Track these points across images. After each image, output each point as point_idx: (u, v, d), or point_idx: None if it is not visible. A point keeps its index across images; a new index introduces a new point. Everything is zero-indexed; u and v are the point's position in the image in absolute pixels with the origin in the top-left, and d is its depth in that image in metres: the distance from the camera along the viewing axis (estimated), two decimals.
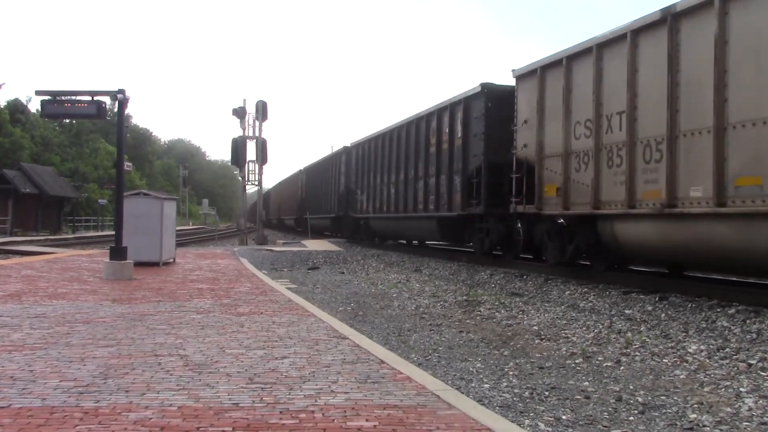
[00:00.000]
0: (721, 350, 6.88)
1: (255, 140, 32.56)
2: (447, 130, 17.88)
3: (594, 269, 12.67)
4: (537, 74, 13.28)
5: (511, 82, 14.68)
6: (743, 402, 5.23)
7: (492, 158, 15.29)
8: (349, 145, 29.61)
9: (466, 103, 16.60)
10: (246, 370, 5.32)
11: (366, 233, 27.54)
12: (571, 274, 13.08)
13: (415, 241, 24.19)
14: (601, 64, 11.51)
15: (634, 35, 10.69)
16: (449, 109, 17.67)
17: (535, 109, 13.36)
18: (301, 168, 44.58)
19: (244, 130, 32.52)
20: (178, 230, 21.23)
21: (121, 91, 12.85)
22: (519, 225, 15.02)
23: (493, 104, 15.42)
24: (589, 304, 10.24)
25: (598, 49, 11.56)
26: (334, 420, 4.05)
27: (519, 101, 14.20)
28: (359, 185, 27.25)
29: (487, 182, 15.36)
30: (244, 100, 34.83)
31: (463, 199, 16.51)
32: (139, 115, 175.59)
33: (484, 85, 15.64)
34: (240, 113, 32.40)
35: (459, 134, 16.93)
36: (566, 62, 12.45)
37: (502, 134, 14.91)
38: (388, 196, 23.16)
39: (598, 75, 11.53)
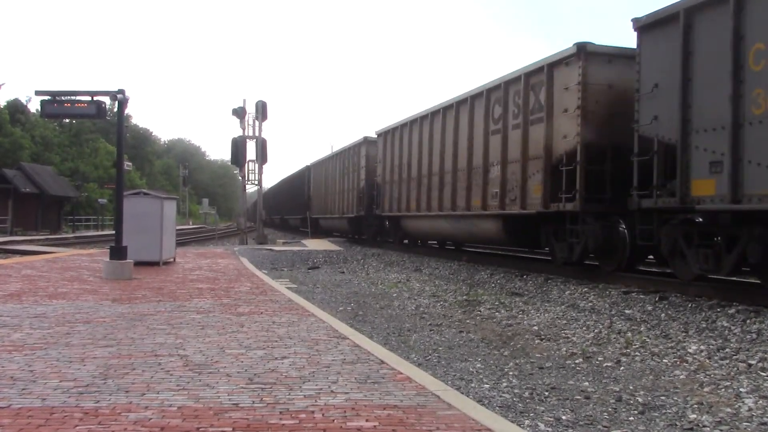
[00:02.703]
0: (721, 350, 6.88)
1: (255, 140, 32.56)
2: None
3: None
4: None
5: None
6: (743, 402, 5.23)
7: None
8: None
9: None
10: (246, 370, 5.32)
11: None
12: (572, 274, 13.07)
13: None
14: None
15: None
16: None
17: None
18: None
19: (244, 129, 32.53)
20: (178, 230, 21.23)
21: (121, 91, 12.85)
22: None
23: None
24: (589, 304, 10.24)
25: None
26: (334, 420, 4.05)
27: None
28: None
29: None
30: (244, 100, 34.84)
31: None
32: (139, 115, 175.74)
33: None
34: (240, 113, 32.39)
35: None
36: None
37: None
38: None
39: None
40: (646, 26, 10.70)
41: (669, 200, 10.07)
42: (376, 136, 25.31)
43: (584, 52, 12.01)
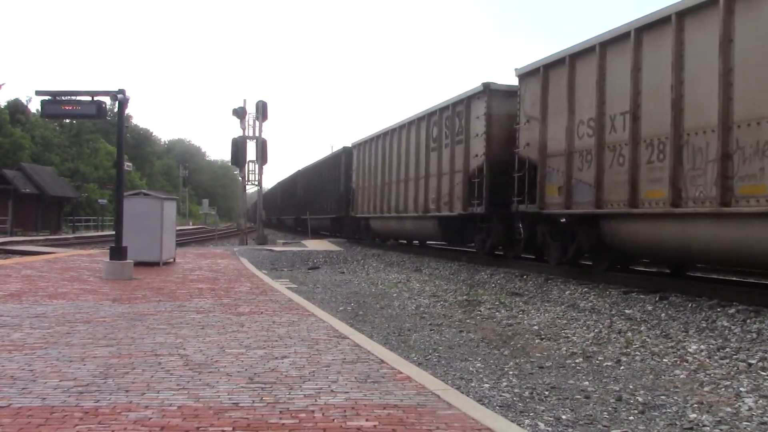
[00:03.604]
0: (721, 350, 6.88)
1: (255, 140, 32.57)
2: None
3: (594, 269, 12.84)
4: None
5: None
6: (743, 402, 5.23)
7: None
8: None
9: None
10: (246, 369, 5.32)
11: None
12: (572, 274, 13.08)
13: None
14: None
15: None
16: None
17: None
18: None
19: (244, 130, 32.55)
20: (178, 230, 21.24)
21: (121, 91, 12.85)
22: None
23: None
24: (590, 303, 10.24)
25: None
26: (334, 420, 4.05)
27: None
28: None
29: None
30: (244, 100, 34.84)
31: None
32: (139, 115, 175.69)
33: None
34: (240, 113, 32.41)
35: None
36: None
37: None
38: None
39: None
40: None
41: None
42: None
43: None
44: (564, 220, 13.12)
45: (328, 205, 32.92)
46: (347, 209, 29.08)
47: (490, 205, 15.40)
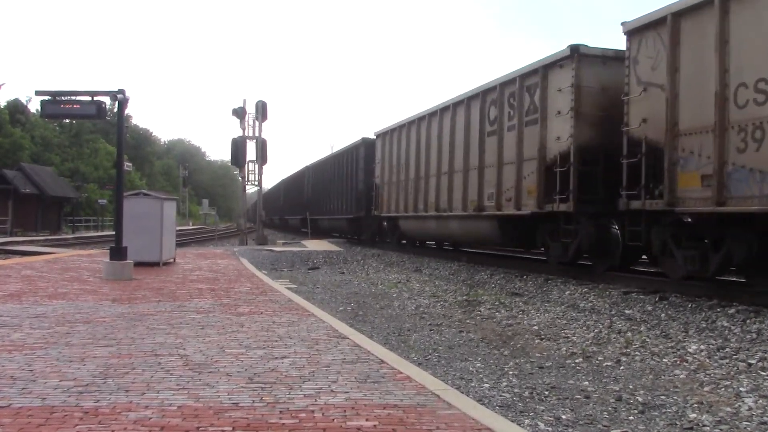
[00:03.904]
0: (721, 350, 6.88)
1: (255, 140, 32.56)
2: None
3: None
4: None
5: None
6: (743, 402, 5.23)
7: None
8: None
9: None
10: (246, 369, 5.32)
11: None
12: (571, 274, 13.07)
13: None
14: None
15: None
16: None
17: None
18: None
19: (244, 130, 32.54)
20: (178, 230, 21.24)
21: (121, 91, 12.85)
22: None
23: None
24: (589, 304, 10.24)
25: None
26: (334, 420, 4.05)
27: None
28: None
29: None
30: (244, 100, 34.87)
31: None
32: (139, 116, 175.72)
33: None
34: (240, 113, 32.40)
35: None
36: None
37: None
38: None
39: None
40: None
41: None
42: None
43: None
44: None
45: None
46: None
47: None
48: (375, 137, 24.99)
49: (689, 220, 10.18)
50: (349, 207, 28.19)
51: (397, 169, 22.15)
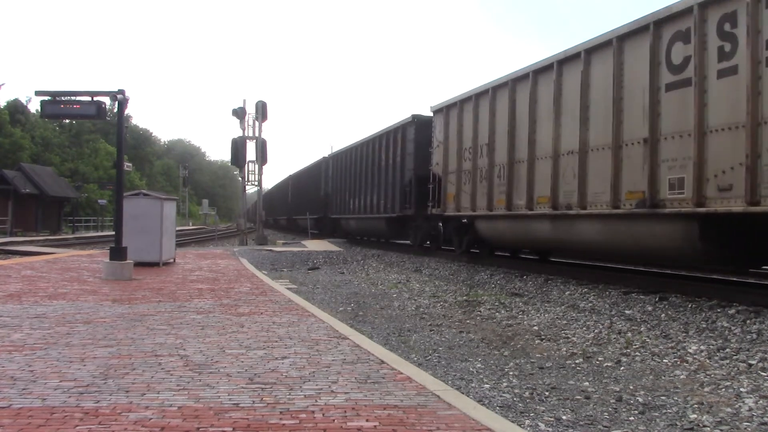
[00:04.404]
0: (721, 350, 6.88)
1: (255, 140, 32.57)
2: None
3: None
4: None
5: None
6: (743, 402, 5.22)
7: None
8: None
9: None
10: (246, 370, 5.31)
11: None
12: (572, 275, 13.06)
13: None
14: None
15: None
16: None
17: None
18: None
19: (243, 130, 32.56)
20: (178, 230, 21.23)
21: (121, 92, 12.85)
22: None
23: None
24: (589, 304, 10.24)
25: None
26: (334, 420, 4.05)
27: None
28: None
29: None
30: (244, 101, 34.86)
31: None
32: (139, 116, 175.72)
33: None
34: (240, 113, 32.42)
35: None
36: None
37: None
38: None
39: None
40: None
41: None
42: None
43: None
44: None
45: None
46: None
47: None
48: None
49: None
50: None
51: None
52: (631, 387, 5.83)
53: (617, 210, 10.86)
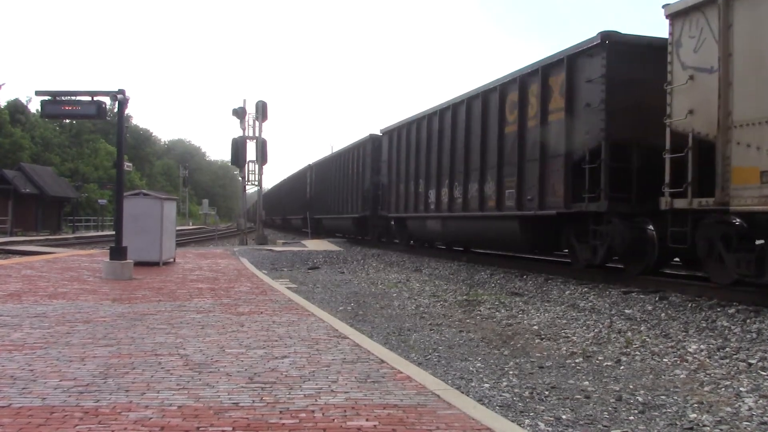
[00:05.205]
0: (721, 350, 6.88)
1: (255, 140, 32.55)
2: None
3: None
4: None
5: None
6: (743, 401, 5.22)
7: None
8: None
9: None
10: (246, 369, 5.32)
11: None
12: (570, 275, 13.07)
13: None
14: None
15: None
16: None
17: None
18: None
19: (244, 130, 32.53)
20: (178, 230, 21.23)
21: (121, 92, 12.85)
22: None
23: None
24: (589, 303, 10.24)
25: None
26: (334, 420, 4.05)
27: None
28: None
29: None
30: (244, 101, 34.84)
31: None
32: (139, 116, 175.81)
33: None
34: (240, 113, 32.39)
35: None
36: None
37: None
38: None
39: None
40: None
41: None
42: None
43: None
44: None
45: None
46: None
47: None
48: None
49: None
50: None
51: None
52: (631, 386, 5.83)
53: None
